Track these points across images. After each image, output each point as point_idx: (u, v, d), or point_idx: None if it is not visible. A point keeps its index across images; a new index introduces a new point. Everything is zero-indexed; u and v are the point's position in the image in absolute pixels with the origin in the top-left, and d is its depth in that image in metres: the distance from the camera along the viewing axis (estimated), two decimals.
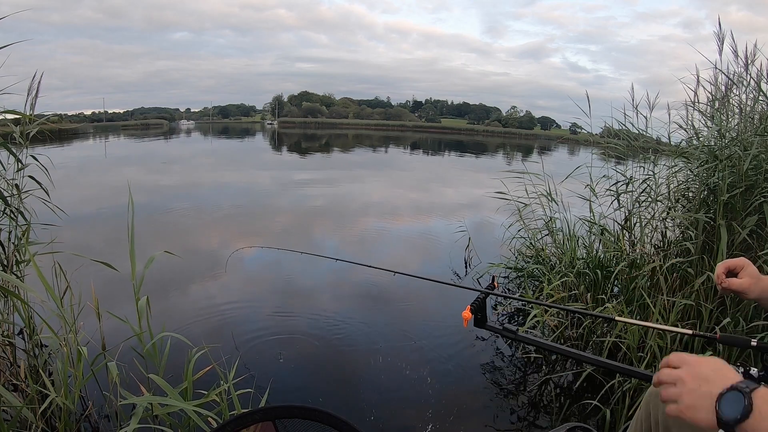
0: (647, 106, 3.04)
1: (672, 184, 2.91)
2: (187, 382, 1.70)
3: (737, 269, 1.04)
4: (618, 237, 3.09)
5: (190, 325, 2.96)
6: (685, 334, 1.10)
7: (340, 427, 0.77)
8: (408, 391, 2.38)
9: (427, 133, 76.62)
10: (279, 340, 2.84)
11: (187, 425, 1.64)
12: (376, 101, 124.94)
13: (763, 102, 2.76)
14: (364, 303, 3.58)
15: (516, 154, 25.42)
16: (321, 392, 2.37)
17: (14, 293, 2.03)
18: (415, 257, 5.13)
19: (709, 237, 2.51)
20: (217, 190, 9.45)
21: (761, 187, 2.33)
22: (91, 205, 6.86)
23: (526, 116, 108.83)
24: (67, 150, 18.82)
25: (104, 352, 2.37)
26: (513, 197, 4.08)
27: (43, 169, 2.51)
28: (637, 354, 2.25)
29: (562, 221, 3.71)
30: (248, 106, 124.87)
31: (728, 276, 1.05)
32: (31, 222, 2.30)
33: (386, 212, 7.63)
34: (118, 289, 2.76)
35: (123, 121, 79.85)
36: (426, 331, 3.07)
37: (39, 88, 2.41)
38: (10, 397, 1.51)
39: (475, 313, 0.75)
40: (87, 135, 36.68)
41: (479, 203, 7.97)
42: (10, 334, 2.19)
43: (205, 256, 4.66)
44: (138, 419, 1.45)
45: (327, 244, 5.62)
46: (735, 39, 2.67)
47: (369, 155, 23.35)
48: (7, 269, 2.16)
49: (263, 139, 39.35)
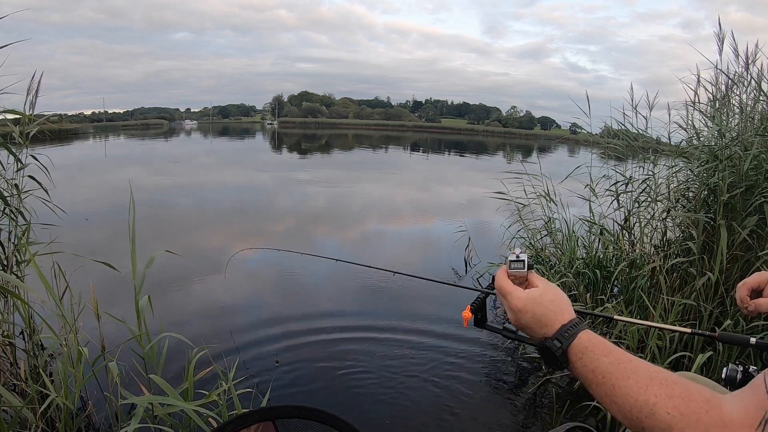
0: (647, 106, 3.05)
1: (672, 184, 2.91)
2: (187, 382, 1.70)
3: (760, 286, 0.96)
4: (618, 237, 3.09)
5: (191, 325, 2.96)
6: (685, 333, 1.10)
7: (339, 428, 0.77)
8: (408, 390, 2.38)
9: (427, 133, 76.63)
10: (279, 340, 2.84)
11: (187, 425, 1.64)
12: (376, 101, 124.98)
13: (763, 102, 2.76)
14: (365, 303, 3.58)
15: (516, 154, 25.41)
16: (321, 392, 2.37)
17: (14, 293, 2.02)
18: (415, 257, 5.13)
19: (709, 237, 2.51)
20: (217, 191, 9.44)
21: (761, 187, 2.33)
22: (92, 205, 6.86)
23: (526, 116, 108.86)
24: (67, 150, 18.83)
25: (104, 352, 2.37)
26: (512, 197, 4.08)
27: (43, 169, 2.51)
28: (637, 354, 2.25)
29: (562, 221, 3.71)
30: (248, 106, 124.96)
31: (753, 296, 0.97)
32: (30, 222, 2.30)
33: (386, 212, 7.63)
34: (118, 290, 2.76)
35: (123, 121, 79.86)
36: (426, 331, 3.06)
37: (39, 87, 2.41)
38: (10, 397, 1.51)
39: (475, 313, 0.75)
40: (87, 135, 36.68)
41: (479, 203, 7.96)
42: (11, 334, 2.19)
43: (206, 257, 4.66)
44: (138, 419, 1.45)
45: (327, 244, 5.62)
46: (735, 39, 2.67)
47: (369, 155, 23.35)
48: (7, 269, 2.16)
49: (263, 139, 39.37)
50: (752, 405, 0.47)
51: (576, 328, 0.60)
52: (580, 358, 0.58)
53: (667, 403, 0.51)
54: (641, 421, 0.52)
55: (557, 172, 3.88)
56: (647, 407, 0.52)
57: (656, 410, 0.51)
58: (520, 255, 0.68)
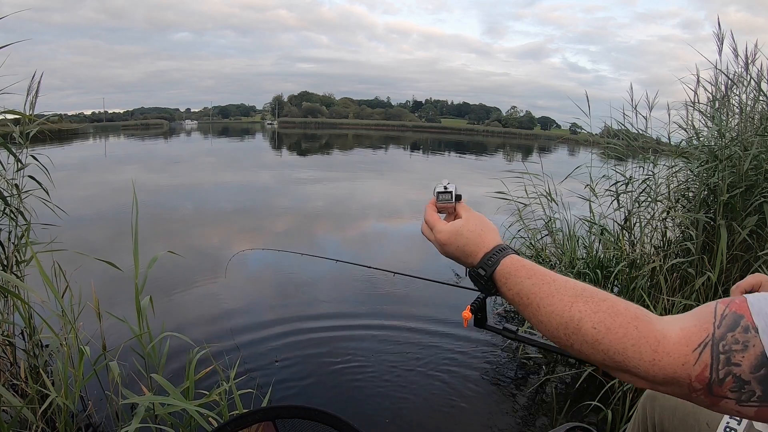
0: (647, 106, 3.05)
1: (672, 184, 2.91)
2: (188, 381, 1.70)
3: (754, 289, 0.95)
4: (618, 237, 3.09)
5: (192, 325, 2.96)
6: None
7: (340, 428, 0.77)
8: (408, 391, 2.38)
9: (427, 133, 76.63)
10: (280, 340, 2.84)
11: (188, 425, 1.64)
12: (376, 101, 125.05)
13: (763, 102, 2.76)
14: (365, 303, 3.58)
15: (516, 154, 25.41)
16: (322, 392, 2.37)
17: (14, 293, 2.03)
18: (415, 257, 5.13)
19: (709, 237, 2.51)
20: (217, 190, 9.45)
21: (761, 187, 2.33)
22: (92, 205, 6.86)
23: (526, 116, 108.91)
24: (68, 150, 18.83)
25: (105, 351, 2.37)
26: (513, 197, 4.08)
27: (43, 169, 2.51)
28: None
29: (562, 221, 3.71)
30: (248, 106, 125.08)
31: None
32: (31, 222, 2.30)
33: (386, 212, 7.63)
34: (119, 290, 2.76)
35: (123, 121, 79.92)
36: (426, 331, 3.06)
37: (39, 87, 2.41)
38: (10, 397, 1.51)
39: (475, 313, 0.75)
40: (87, 135, 36.70)
41: (479, 203, 7.94)
42: (10, 334, 2.19)
43: (206, 257, 4.66)
44: (139, 419, 1.45)
45: (327, 245, 5.62)
46: (735, 39, 2.67)
47: (369, 155, 23.35)
48: (7, 269, 2.16)
49: (263, 139, 39.35)
50: (694, 327, 0.46)
51: (499, 255, 0.60)
52: (504, 283, 0.59)
53: (593, 317, 0.50)
54: (569, 338, 0.52)
55: (557, 171, 3.88)
56: (573, 323, 0.51)
57: (582, 325, 0.50)
58: (448, 186, 0.67)
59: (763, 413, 0.44)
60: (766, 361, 0.42)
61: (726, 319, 0.45)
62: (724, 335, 0.44)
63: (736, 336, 0.43)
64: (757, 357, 0.42)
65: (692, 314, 0.48)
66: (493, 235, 0.64)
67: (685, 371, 0.45)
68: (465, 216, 0.66)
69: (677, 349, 0.45)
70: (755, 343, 0.42)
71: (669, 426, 0.95)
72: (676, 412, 0.98)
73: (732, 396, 0.44)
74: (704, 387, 0.44)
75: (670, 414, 0.99)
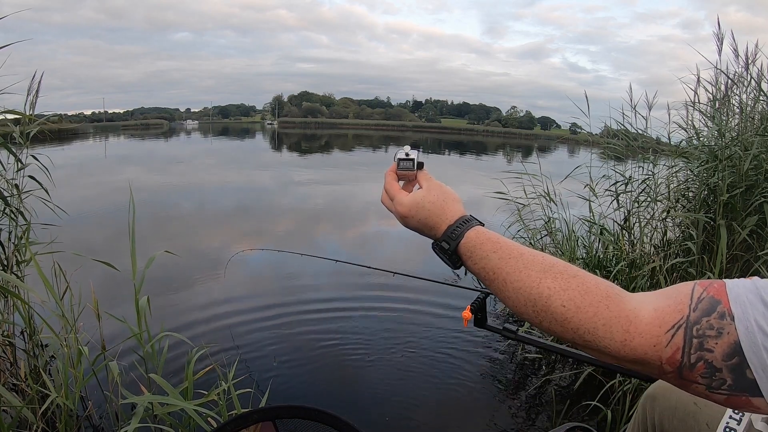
0: (646, 106, 3.05)
1: (672, 184, 2.91)
2: (187, 381, 1.70)
3: None
4: (618, 237, 3.09)
5: (191, 325, 2.96)
6: None
7: (340, 428, 0.77)
8: (408, 391, 2.38)
9: (427, 133, 76.68)
10: (279, 340, 2.84)
11: (187, 425, 1.64)
12: (376, 101, 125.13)
13: (763, 102, 2.76)
14: (364, 303, 3.57)
15: (516, 154, 25.41)
16: (321, 392, 2.37)
17: (14, 293, 2.03)
18: (415, 257, 5.12)
19: (709, 237, 2.51)
20: (217, 190, 9.44)
21: (761, 187, 2.33)
22: (92, 205, 6.86)
23: (526, 116, 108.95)
24: (68, 150, 18.82)
25: (104, 352, 2.37)
26: (512, 197, 4.07)
27: (44, 168, 2.51)
28: None
29: (562, 221, 3.71)
30: (248, 106, 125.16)
31: None
32: (31, 222, 2.30)
33: (386, 212, 7.59)
34: (118, 289, 2.76)
35: (123, 121, 79.98)
36: (426, 331, 3.06)
37: (39, 87, 2.41)
38: (10, 397, 1.51)
39: (475, 313, 0.75)
40: (87, 135, 36.70)
41: (479, 203, 7.94)
42: (11, 334, 2.19)
43: (206, 257, 4.66)
44: (139, 419, 1.45)
45: (327, 245, 5.62)
46: (735, 39, 2.68)
47: (369, 155, 23.34)
48: (7, 269, 2.16)
49: (263, 139, 39.36)
50: (668, 308, 0.44)
51: (463, 227, 0.58)
52: (469, 257, 0.57)
53: (562, 295, 0.48)
54: (537, 315, 0.50)
55: (557, 171, 3.88)
56: (541, 301, 0.49)
57: (550, 303, 0.49)
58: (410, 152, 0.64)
59: (733, 401, 0.42)
60: (739, 350, 0.40)
61: (702, 302, 0.43)
62: (699, 319, 0.42)
63: (711, 321, 0.42)
64: (731, 345, 0.41)
65: (667, 293, 0.46)
66: (457, 206, 0.62)
67: (656, 353, 0.44)
68: (426, 186, 0.64)
69: (649, 329, 0.44)
70: (730, 331, 0.41)
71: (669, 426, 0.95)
72: (676, 412, 0.98)
73: (702, 382, 0.43)
74: (674, 370, 0.43)
75: (670, 414, 0.99)
